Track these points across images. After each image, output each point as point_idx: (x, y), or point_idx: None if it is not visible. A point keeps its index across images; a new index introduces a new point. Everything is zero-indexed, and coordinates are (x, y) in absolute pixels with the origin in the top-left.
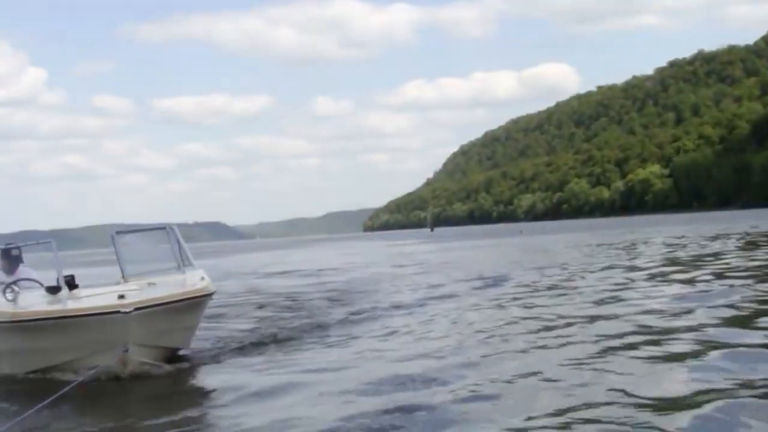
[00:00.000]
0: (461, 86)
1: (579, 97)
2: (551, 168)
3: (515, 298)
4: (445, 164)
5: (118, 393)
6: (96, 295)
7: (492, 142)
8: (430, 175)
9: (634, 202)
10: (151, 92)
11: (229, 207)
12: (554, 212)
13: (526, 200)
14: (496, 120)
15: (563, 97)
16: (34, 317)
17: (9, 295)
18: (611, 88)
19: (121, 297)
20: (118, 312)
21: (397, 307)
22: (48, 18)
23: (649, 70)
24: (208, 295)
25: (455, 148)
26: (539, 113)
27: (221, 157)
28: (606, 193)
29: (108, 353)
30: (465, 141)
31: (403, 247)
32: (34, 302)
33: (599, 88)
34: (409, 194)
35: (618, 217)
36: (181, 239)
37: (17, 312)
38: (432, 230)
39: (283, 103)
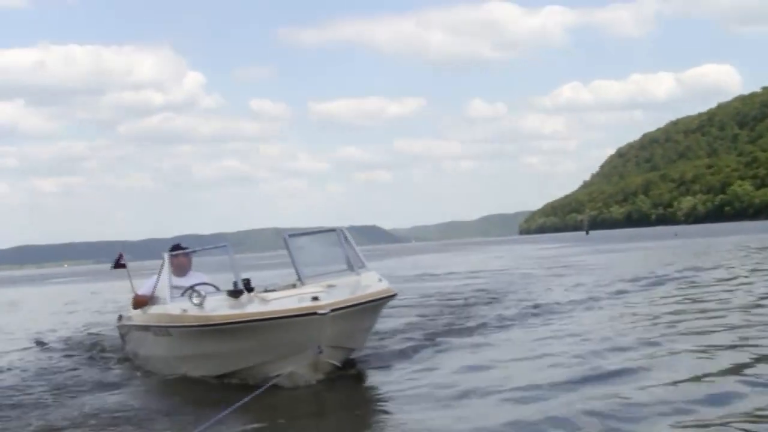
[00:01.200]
0: (617, 88)
1: (742, 98)
2: (713, 170)
3: (677, 297)
4: (602, 166)
5: (302, 396)
6: (282, 297)
7: (650, 143)
8: (587, 177)
9: None
10: (307, 96)
11: (384, 210)
12: (716, 215)
13: (686, 203)
14: (654, 122)
15: (725, 98)
16: (231, 320)
17: (195, 299)
18: None
19: (315, 299)
20: (315, 314)
21: (550, 308)
22: (207, 24)
23: None
24: (392, 296)
25: (611, 150)
26: (700, 114)
27: (377, 160)
28: None
29: (301, 355)
30: (621, 143)
31: (557, 250)
32: (220, 306)
33: (764, 88)
34: (566, 197)
35: None
36: (352, 241)
37: (211, 316)
38: (587, 233)
39: (437, 105)
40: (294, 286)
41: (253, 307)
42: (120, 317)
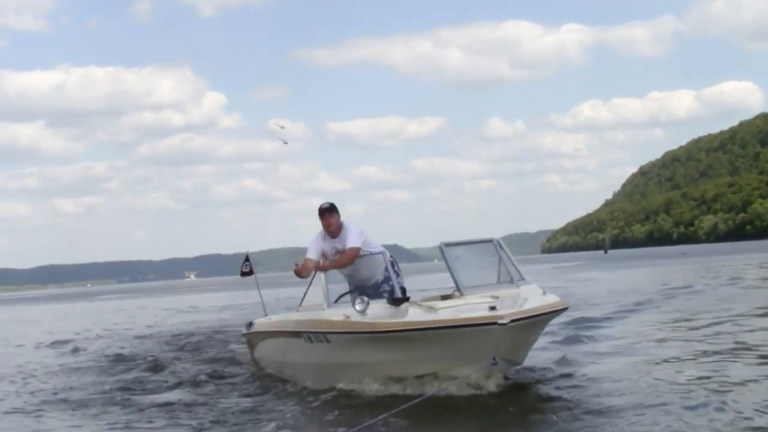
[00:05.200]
0: (637, 106)
1: (765, 116)
2: (734, 188)
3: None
4: (624, 185)
5: (463, 406)
6: (450, 307)
7: (672, 162)
8: (609, 195)
9: None
10: (325, 116)
11: (406, 229)
12: (737, 233)
13: (707, 221)
14: (675, 140)
15: (747, 116)
16: (408, 327)
17: (359, 306)
18: None
19: (493, 308)
20: (496, 323)
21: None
22: (225, 45)
23: None
24: (565, 309)
25: (633, 169)
26: (722, 133)
27: (396, 180)
28: None
29: (475, 366)
30: (642, 161)
31: (570, 272)
32: (383, 314)
33: None
34: (588, 215)
35: None
36: (509, 252)
37: (385, 322)
38: (606, 252)
39: (456, 124)
40: (450, 296)
41: (423, 315)
42: (250, 324)
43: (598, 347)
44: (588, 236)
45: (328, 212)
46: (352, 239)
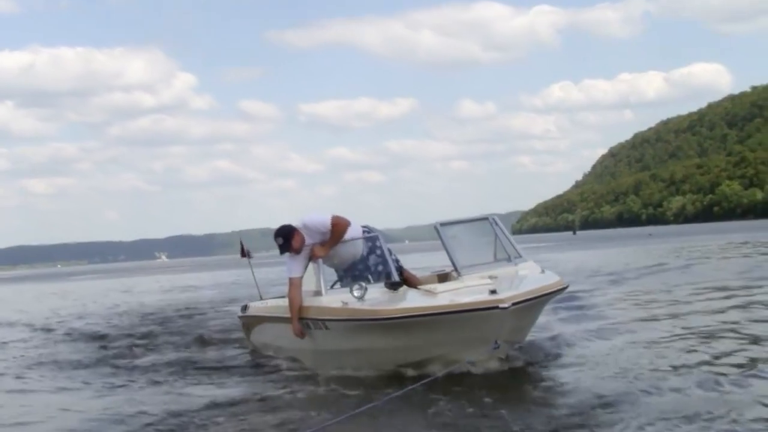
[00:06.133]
0: (607, 88)
1: (732, 98)
2: (702, 170)
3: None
4: (594, 166)
5: (461, 390)
6: (450, 290)
7: (642, 143)
8: (579, 177)
9: None
10: (297, 97)
11: (377, 211)
12: (705, 215)
13: (676, 203)
14: (645, 121)
15: (715, 97)
16: (408, 314)
17: (357, 292)
18: (766, 88)
19: (493, 292)
20: (497, 308)
21: None
22: (197, 26)
23: None
24: (565, 288)
25: (603, 150)
26: (690, 114)
27: (368, 161)
28: (759, 195)
29: (475, 350)
30: (612, 143)
31: (538, 252)
32: (382, 299)
33: (753, 88)
34: (558, 197)
35: None
36: (505, 230)
37: (386, 309)
38: (575, 233)
39: (427, 106)
40: (446, 276)
41: (423, 300)
42: (245, 307)
43: (585, 326)
44: (558, 217)
45: (296, 233)
46: (320, 220)
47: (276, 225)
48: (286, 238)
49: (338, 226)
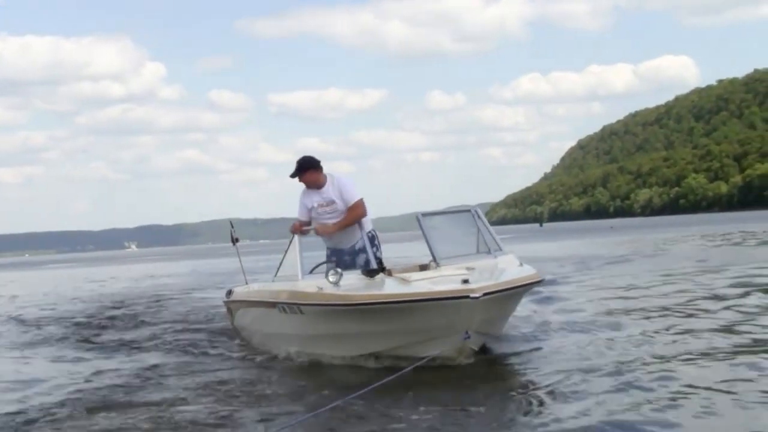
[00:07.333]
0: (576, 80)
1: (699, 91)
2: (669, 163)
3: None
4: (563, 158)
5: (432, 381)
6: (425, 279)
7: (610, 136)
8: (548, 169)
9: (753, 198)
10: (267, 87)
11: None
12: (671, 207)
13: (642, 195)
14: (614, 114)
15: (683, 90)
16: (379, 300)
17: (332, 277)
18: (732, 81)
19: (465, 281)
20: (467, 297)
21: None
22: (166, 15)
23: None
24: (540, 282)
25: (571, 142)
26: (658, 107)
27: (338, 151)
28: (724, 189)
29: (447, 339)
30: (581, 135)
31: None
32: (357, 285)
33: (720, 81)
34: (527, 188)
35: (735, 212)
36: (486, 222)
37: (356, 295)
38: (542, 225)
39: (397, 97)
40: (427, 267)
41: (396, 288)
42: (229, 292)
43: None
44: (527, 209)
45: (313, 168)
46: (351, 190)
47: (246, 215)
48: (304, 167)
49: (358, 209)
